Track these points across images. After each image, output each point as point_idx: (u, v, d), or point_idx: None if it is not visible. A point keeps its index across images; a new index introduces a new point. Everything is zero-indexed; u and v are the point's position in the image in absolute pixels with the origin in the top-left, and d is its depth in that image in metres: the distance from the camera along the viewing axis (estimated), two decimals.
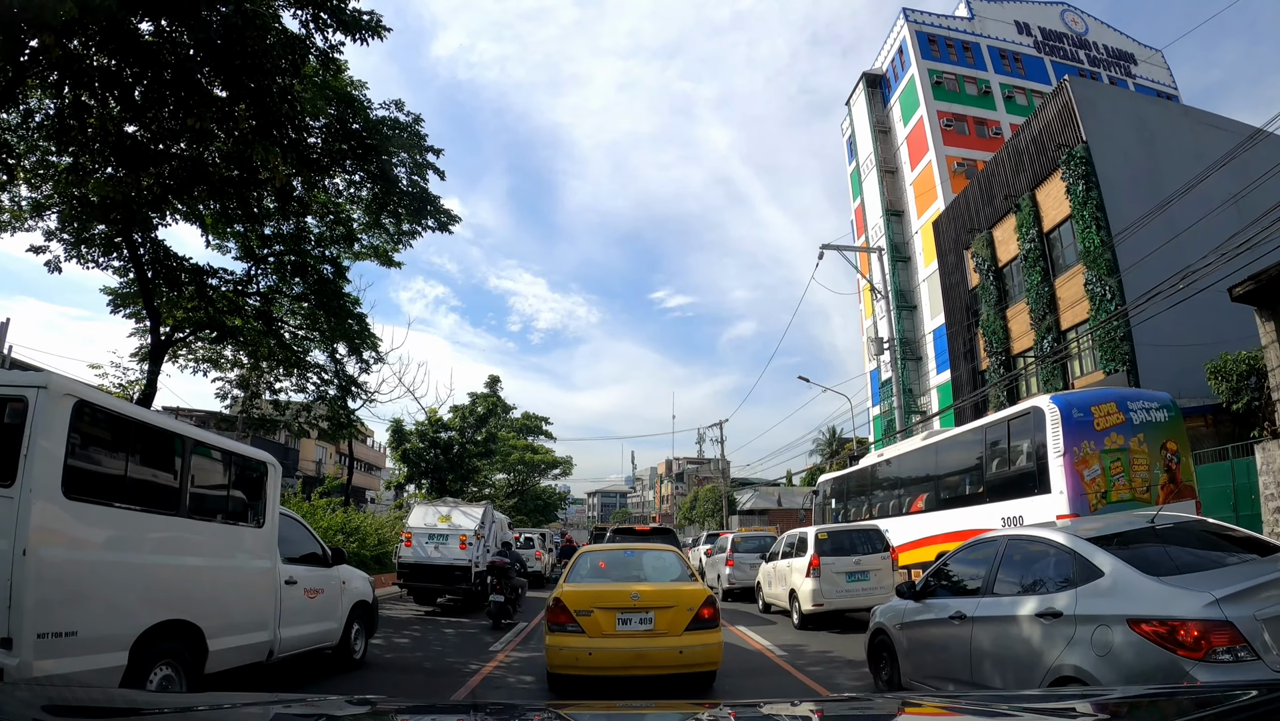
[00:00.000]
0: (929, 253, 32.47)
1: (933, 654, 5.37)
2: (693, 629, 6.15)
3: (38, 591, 3.92)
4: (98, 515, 4.44)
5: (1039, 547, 4.69)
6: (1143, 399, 9.90)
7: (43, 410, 4.06)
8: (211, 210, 10.38)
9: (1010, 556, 4.89)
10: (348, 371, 14.30)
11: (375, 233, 12.54)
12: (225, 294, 11.49)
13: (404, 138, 9.92)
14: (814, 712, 2.33)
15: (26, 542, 3.87)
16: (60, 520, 4.15)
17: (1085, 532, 4.45)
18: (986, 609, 4.74)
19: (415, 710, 2.28)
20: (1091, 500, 8.95)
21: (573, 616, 6.12)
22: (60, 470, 4.13)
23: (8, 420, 4.09)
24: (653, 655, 6.01)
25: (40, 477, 4.00)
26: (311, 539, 7.40)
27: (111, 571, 4.50)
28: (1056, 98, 21.67)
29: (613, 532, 13.65)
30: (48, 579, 4.00)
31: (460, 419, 26.29)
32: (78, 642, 4.15)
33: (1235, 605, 3.35)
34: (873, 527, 11.73)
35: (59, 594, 4.09)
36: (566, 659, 6.06)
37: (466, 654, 8.84)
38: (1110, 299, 18.82)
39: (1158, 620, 3.50)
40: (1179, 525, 4.64)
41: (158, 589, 4.83)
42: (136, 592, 4.66)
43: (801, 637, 10.09)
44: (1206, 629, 3.32)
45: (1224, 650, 3.28)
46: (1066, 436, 9.04)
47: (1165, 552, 4.13)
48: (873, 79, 40.99)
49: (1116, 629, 3.66)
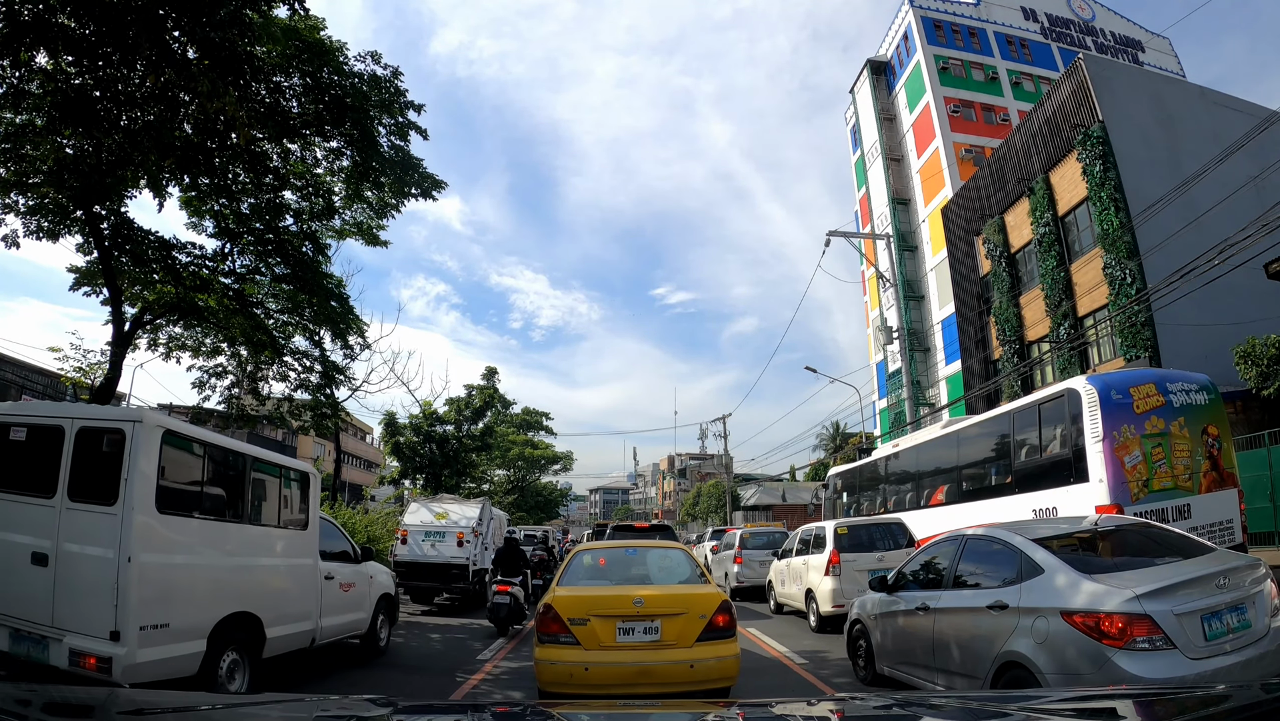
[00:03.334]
0: (937, 241, 31.76)
1: (901, 641, 5.79)
2: (705, 639, 5.31)
3: (139, 591, 4.63)
4: (182, 526, 5.19)
5: (992, 545, 5.05)
6: (1181, 380, 9.19)
7: (138, 440, 4.80)
8: (181, 181, 9.69)
9: (969, 553, 5.29)
10: (331, 358, 13.63)
11: (358, 208, 11.82)
12: (197, 272, 10.75)
13: (383, 97, 9.20)
14: (833, 713, 2.28)
15: (130, 551, 4.61)
16: (154, 531, 4.87)
17: (1032, 533, 4.84)
18: (947, 601, 5.17)
19: (415, 710, 2.20)
20: (1133, 488, 8.25)
21: (566, 626, 5.31)
22: (154, 490, 4.87)
23: (107, 449, 4.82)
24: (659, 671, 5.19)
25: (138, 496, 4.74)
26: (342, 538, 8.13)
27: (194, 572, 5.23)
28: (1071, 77, 20.93)
29: (611, 530, 13.23)
30: (146, 581, 4.71)
31: (455, 411, 25.50)
32: (169, 633, 4.84)
33: (1154, 600, 3.78)
34: (895, 521, 10.97)
35: (154, 593, 4.78)
36: (559, 675, 5.26)
37: (458, 660, 8.28)
38: (1130, 283, 18.13)
39: (1084, 612, 3.92)
40: (1120, 527, 5.06)
41: (228, 586, 5.56)
42: (212, 589, 5.39)
43: (821, 642, 9.33)
44: (1128, 621, 3.75)
45: (1143, 640, 3.71)
46: (1105, 420, 8.33)
47: (1100, 554, 4.68)
48: (877, 66, 40.23)
49: (1052, 620, 4.07)
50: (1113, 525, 4.99)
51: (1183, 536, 5.03)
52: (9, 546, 4.79)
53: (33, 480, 4.91)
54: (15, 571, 4.73)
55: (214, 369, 12.90)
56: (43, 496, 4.83)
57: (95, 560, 4.62)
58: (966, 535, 5.49)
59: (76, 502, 4.79)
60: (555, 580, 6.27)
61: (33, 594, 4.66)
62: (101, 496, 4.73)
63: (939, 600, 5.25)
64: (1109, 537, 4.84)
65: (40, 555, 4.70)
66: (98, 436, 4.90)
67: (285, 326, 12.88)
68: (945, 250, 28.42)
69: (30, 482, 4.92)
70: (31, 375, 25.24)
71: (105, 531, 4.64)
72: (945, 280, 29.40)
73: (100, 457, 4.82)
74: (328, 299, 11.80)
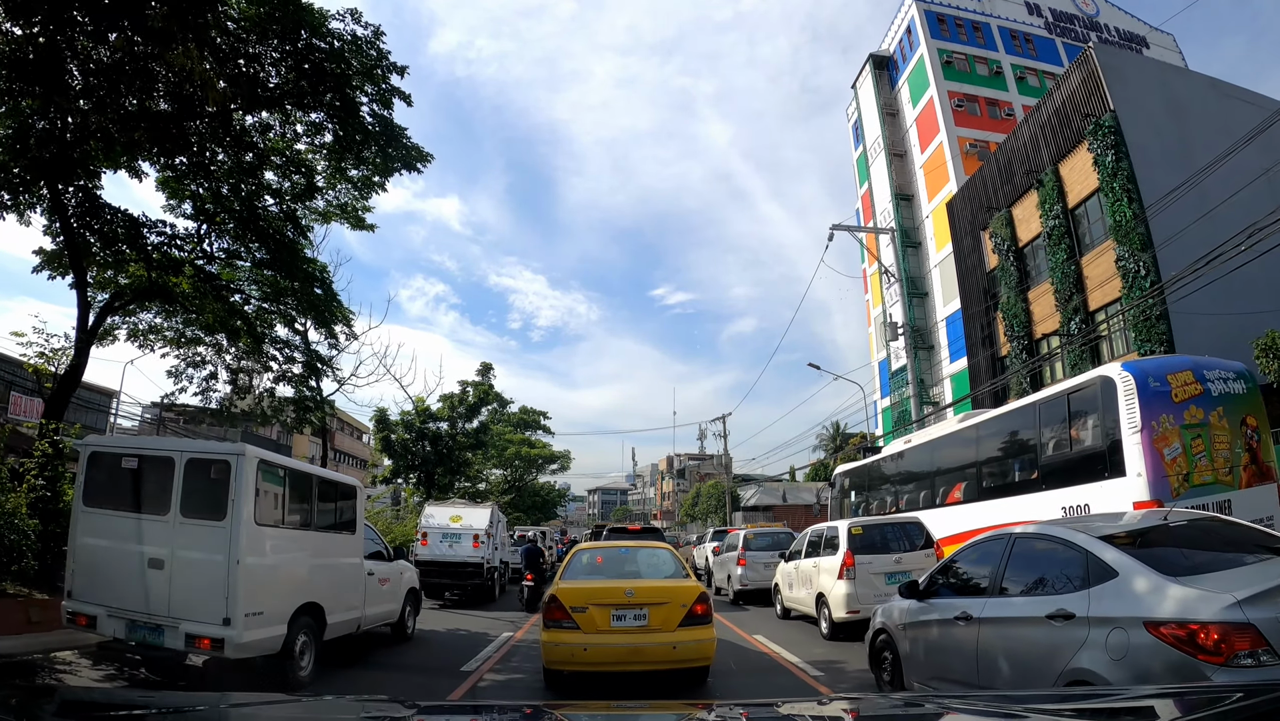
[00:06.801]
0: (941, 237, 31.23)
1: (937, 655, 5.20)
2: (686, 624, 6.24)
3: (244, 587, 5.75)
4: (271, 534, 6.31)
5: (1049, 546, 4.50)
6: (1219, 367, 8.63)
7: (241, 468, 5.93)
8: (154, 158, 9.04)
9: (1019, 555, 4.71)
10: (315, 349, 12.96)
11: (342, 188, 11.13)
12: (170, 254, 10.08)
13: (365, 62, 8.52)
14: (847, 712, 2.22)
15: (238, 556, 5.74)
16: (253, 540, 5.96)
17: (1096, 530, 4.26)
18: (994, 609, 4.58)
19: (414, 710, 2.20)
20: (1173, 483, 7.67)
21: (568, 612, 6.20)
22: (252, 507, 5.98)
23: (214, 475, 5.98)
24: (647, 651, 6.13)
25: (242, 513, 5.86)
26: (378, 540, 9.21)
27: (279, 571, 6.43)
28: (1081, 66, 20.41)
29: (607, 531, 14.23)
30: (249, 578, 5.83)
31: (449, 408, 24.72)
32: (262, 619, 5.94)
33: (1257, 607, 3.21)
34: (913, 520, 10.30)
35: (254, 587, 5.90)
36: (562, 654, 6.17)
37: None
38: (1145, 275, 17.60)
39: (1176, 622, 3.35)
40: (1193, 522, 4.47)
41: (301, 580, 6.76)
42: (291, 584, 6.56)
43: (835, 651, 8.72)
44: (1228, 631, 3.19)
45: (1246, 654, 3.15)
46: (1144, 409, 7.74)
47: (1180, 552, 4.00)
48: (880, 61, 39.75)
49: (1133, 631, 3.52)
50: (1185, 519, 4.38)
51: (1264, 531, 4.45)
52: (127, 554, 5.89)
53: (147, 501, 6.02)
54: (133, 574, 5.82)
55: (190, 357, 12.20)
56: (157, 514, 5.95)
57: (208, 563, 5.75)
58: (1014, 534, 4.88)
59: (189, 518, 5.93)
60: (558, 575, 7.21)
61: (149, 591, 5.75)
62: (211, 513, 5.88)
63: (983, 608, 4.65)
64: (1184, 533, 4.21)
65: (157, 560, 5.82)
66: (205, 465, 6.06)
67: (266, 315, 12.17)
68: (949, 246, 27.90)
69: (145, 503, 6.02)
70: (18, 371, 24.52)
71: (216, 540, 5.79)
72: (949, 277, 28.87)
73: (208, 483, 5.97)
74: (309, 283, 11.13)
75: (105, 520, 6.10)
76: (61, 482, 8.20)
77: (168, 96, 8.49)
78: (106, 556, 5.99)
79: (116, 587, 5.87)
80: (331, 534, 7.56)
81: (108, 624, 5.85)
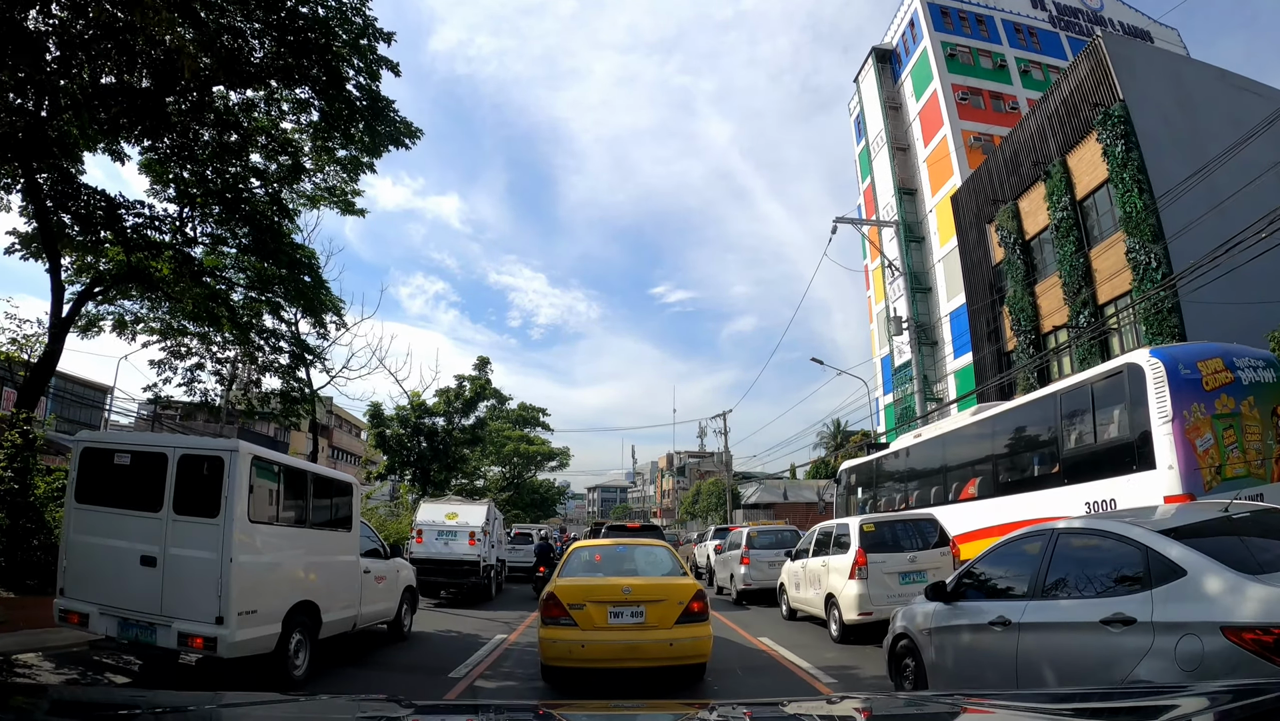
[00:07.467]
0: (945, 231, 30.86)
1: (968, 664, 4.73)
2: (683, 622, 6.23)
3: (238, 585, 5.61)
4: (265, 531, 6.18)
5: (1100, 542, 4.09)
6: (1248, 355, 8.26)
7: (235, 465, 5.79)
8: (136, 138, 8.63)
9: (1063, 552, 4.24)
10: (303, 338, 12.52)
11: (330, 171, 10.73)
12: (149, 237, 9.64)
13: (351, 32, 8.08)
14: (858, 711, 2.17)
15: (231, 554, 5.61)
16: (247, 537, 5.85)
17: (1154, 524, 3.83)
18: (1036, 613, 4.13)
19: (411, 710, 2.10)
20: (1205, 476, 7.28)
21: (566, 610, 6.19)
22: (246, 504, 5.85)
23: (207, 472, 5.82)
24: (644, 647, 6.11)
25: (235, 510, 5.73)
26: (374, 537, 9.08)
27: (273, 569, 6.28)
28: (1089, 56, 20.02)
29: (606, 529, 13.99)
30: (242, 576, 5.69)
31: (445, 403, 24.24)
32: (256, 618, 5.79)
33: None
34: (926, 516, 9.86)
35: (248, 585, 5.74)
36: (560, 651, 6.16)
37: None
38: (1156, 267, 17.23)
39: (1261, 628, 2.95)
40: (1256, 514, 4.01)
41: (296, 579, 6.61)
42: (285, 582, 6.42)
43: (846, 655, 8.32)
44: None
45: None
46: (1174, 398, 7.35)
47: (1250, 547, 3.53)
48: (882, 54, 39.36)
49: (1208, 638, 3.10)
50: (1247, 510, 3.96)
51: None
52: (119, 551, 5.77)
53: (139, 497, 5.87)
54: (125, 572, 5.70)
55: (174, 347, 11.75)
56: (149, 511, 5.81)
57: (201, 561, 5.62)
58: (1057, 529, 4.41)
59: (181, 515, 5.79)
60: (556, 572, 7.15)
61: (141, 589, 5.63)
62: (204, 510, 5.74)
63: (1024, 612, 4.22)
64: (1249, 527, 3.79)
65: (149, 558, 5.69)
66: (199, 462, 5.90)
67: (254, 304, 11.73)
68: (954, 240, 27.52)
69: (137, 499, 5.88)
70: None
71: (209, 538, 5.66)
72: (953, 271, 28.49)
73: (201, 479, 5.81)
74: (297, 270, 10.70)
75: (98, 517, 5.99)
76: (32, 475, 7.80)
77: (147, 72, 8.10)
78: (99, 553, 5.88)
79: (109, 585, 5.77)
80: (327, 531, 7.44)
81: (100, 622, 5.76)
